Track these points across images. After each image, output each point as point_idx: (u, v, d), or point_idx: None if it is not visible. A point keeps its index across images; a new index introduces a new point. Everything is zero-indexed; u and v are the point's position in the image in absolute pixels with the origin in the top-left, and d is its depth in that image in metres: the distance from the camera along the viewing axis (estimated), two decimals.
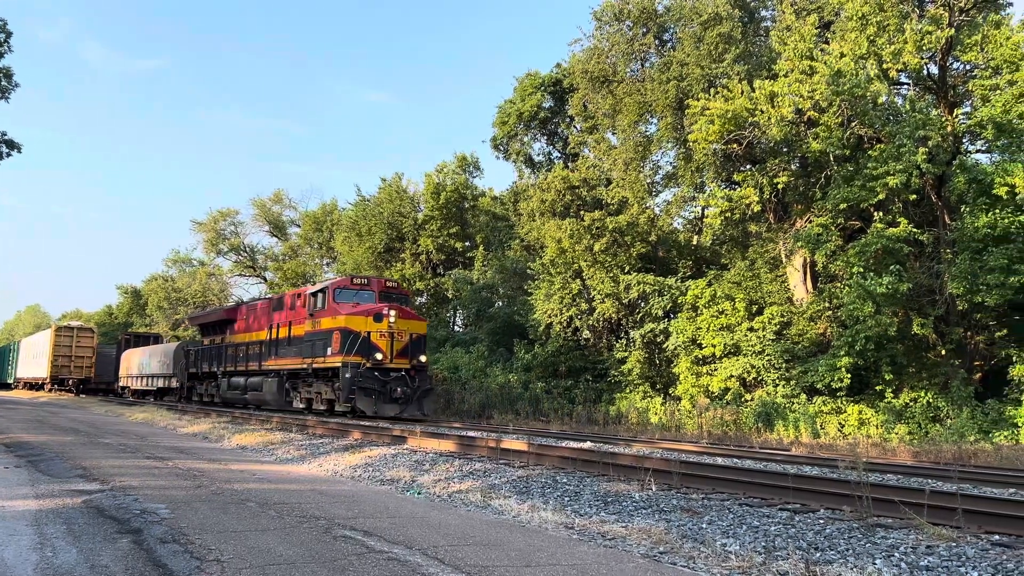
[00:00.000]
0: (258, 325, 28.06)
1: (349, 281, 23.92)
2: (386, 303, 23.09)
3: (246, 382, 28.00)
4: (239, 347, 29.17)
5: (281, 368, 25.43)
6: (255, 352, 27.69)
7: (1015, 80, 20.33)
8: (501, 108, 38.69)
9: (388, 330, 22.12)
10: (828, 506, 7.93)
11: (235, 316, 30.83)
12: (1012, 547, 6.14)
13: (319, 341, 23.06)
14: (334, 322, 22.60)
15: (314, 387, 23.72)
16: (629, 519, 7.69)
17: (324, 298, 23.48)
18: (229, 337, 30.93)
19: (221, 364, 30.76)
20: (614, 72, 29.73)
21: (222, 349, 30.96)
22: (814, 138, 21.85)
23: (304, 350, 23.95)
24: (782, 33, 24.27)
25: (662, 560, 6.00)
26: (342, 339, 21.90)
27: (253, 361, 27.70)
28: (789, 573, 5.57)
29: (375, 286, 23.97)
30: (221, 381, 30.51)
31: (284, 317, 25.90)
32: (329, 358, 22.49)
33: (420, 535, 6.59)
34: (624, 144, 29.50)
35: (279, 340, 25.80)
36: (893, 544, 6.38)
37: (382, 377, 21.55)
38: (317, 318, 23.61)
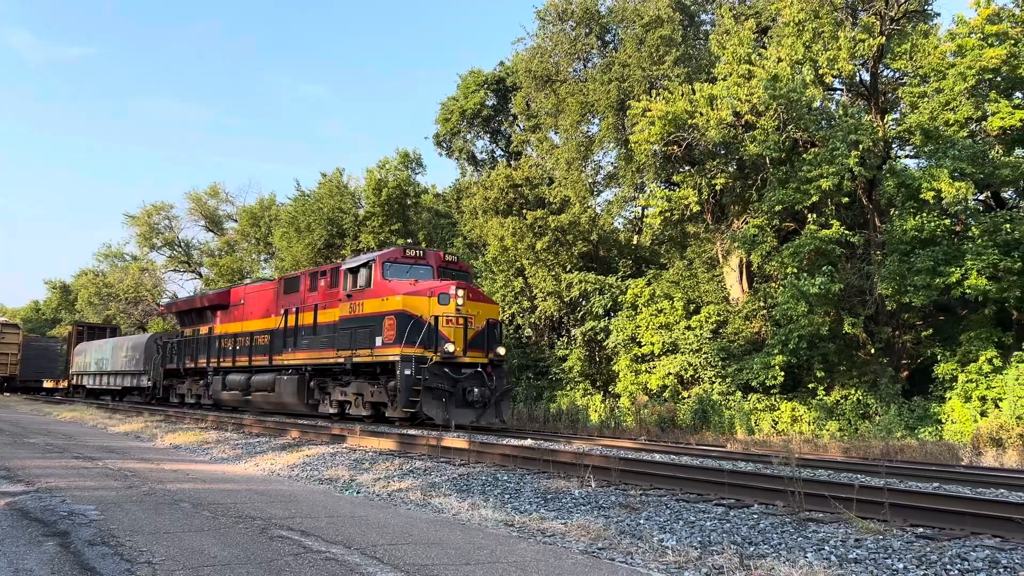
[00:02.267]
0: (263, 311, 23.59)
1: (401, 252, 19.17)
2: (448, 280, 18.70)
3: (249, 380, 23.20)
4: (237, 338, 24.53)
5: (303, 363, 20.80)
6: (262, 344, 23.00)
7: (942, 88, 21.05)
8: (444, 105, 38.57)
9: (457, 314, 17.74)
10: (762, 501, 8.11)
11: (227, 301, 26.08)
12: (935, 539, 6.37)
13: (362, 329, 18.60)
14: (385, 304, 18.09)
15: (352, 387, 19.29)
16: (569, 516, 7.75)
17: (368, 274, 18.78)
18: (220, 326, 26.08)
19: (211, 358, 26.06)
20: (557, 72, 29.88)
21: (212, 341, 26.20)
22: (751, 141, 22.29)
23: (338, 340, 19.35)
24: (721, 37, 24.70)
25: (600, 556, 6.06)
26: (399, 326, 17.42)
27: (259, 354, 23.05)
28: (724, 567, 5.67)
29: (432, 259, 19.39)
30: (212, 379, 25.60)
31: (303, 300, 21.38)
32: (379, 350, 17.91)
33: (359, 534, 6.52)
34: (566, 144, 29.67)
35: (299, 329, 21.11)
36: (824, 538, 6.55)
37: (453, 375, 17.40)
38: (357, 300, 19.01)
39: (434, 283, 18.33)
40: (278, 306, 22.46)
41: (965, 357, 20.26)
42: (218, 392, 25.07)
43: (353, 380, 19.26)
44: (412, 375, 17.03)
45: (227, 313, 25.89)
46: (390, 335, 17.64)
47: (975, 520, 6.74)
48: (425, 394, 16.99)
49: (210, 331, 26.64)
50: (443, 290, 17.82)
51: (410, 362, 17.06)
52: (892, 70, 24.55)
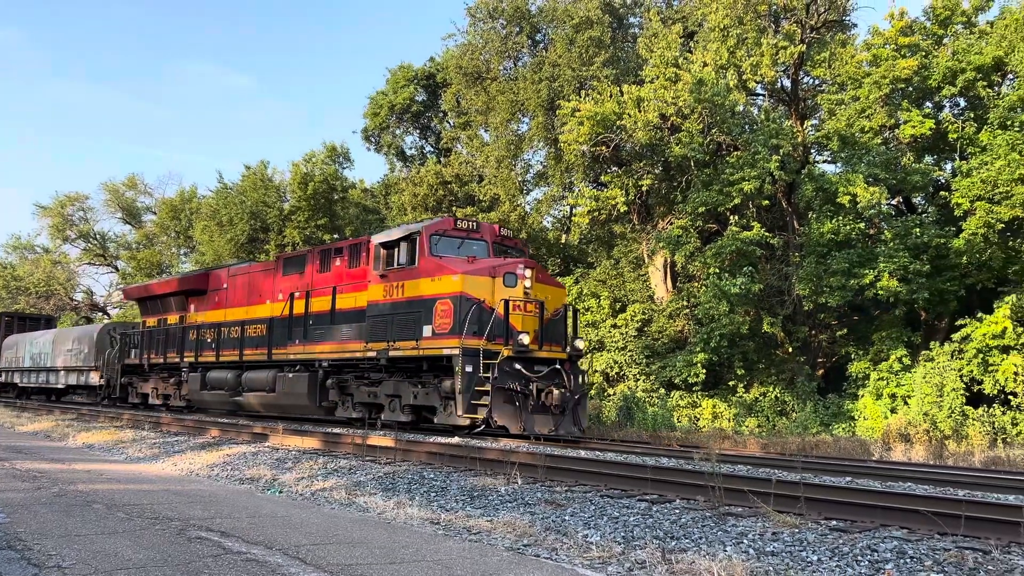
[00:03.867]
0: (255, 296, 20.26)
1: (451, 223, 16.03)
2: (508, 258, 15.93)
3: (240, 378, 19.96)
4: (222, 328, 21.15)
5: (316, 357, 17.51)
6: (256, 335, 19.77)
7: (858, 96, 21.84)
8: (373, 99, 38.19)
9: (525, 298, 14.74)
10: (684, 496, 8.27)
11: (205, 285, 22.72)
12: (847, 531, 6.60)
13: (402, 315, 15.47)
14: (437, 285, 14.93)
15: (386, 386, 16.09)
16: (495, 513, 7.76)
17: (411, 249, 15.60)
18: (197, 315, 22.72)
19: (185, 352, 22.53)
20: (487, 69, 29.89)
21: (186, 332, 22.77)
22: (677, 143, 22.72)
23: (367, 329, 16.19)
24: (649, 40, 25.11)
25: (526, 553, 6.09)
26: (457, 312, 14.36)
27: (253, 347, 19.74)
28: (646, 561, 5.77)
29: (487, 233, 16.29)
30: (190, 377, 22.07)
31: (313, 282, 18.23)
32: (428, 341, 14.83)
33: (281, 535, 6.41)
34: (497, 141, 29.71)
35: (309, 317, 17.91)
36: (743, 531, 6.73)
37: (527, 373, 14.48)
38: (395, 281, 15.76)
39: (496, 261, 15.45)
40: (276, 290, 19.34)
41: (877, 356, 21.08)
42: (196, 392, 21.73)
43: (387, 378, 16.07)
44: (476, 373, 14.00)
45: (205, 300, 22.55)
46: (444, 323, 14.54)
47: (884, 513, 7.02)
48: (496, 397, 13.92)
49: (182, 320, 23.31)
50: (509, 269, 14.86)
51: (474, 357, 14.03)
52: (812, 77, 25.37)
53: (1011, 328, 18.85)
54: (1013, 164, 18.88)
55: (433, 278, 15.05)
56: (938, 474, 10.44)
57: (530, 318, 14.70)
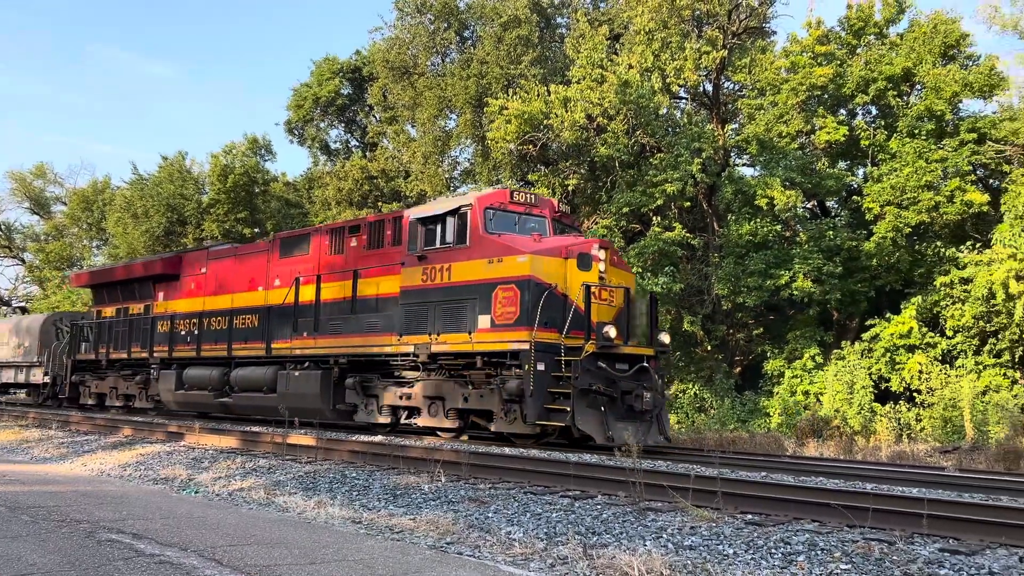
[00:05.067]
0: (244, 282, 17.92)
1: (507, 196, 13.92)
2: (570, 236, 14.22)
3: (228, 376, 17.71)
4: (203, 319, 18.71)
5: (331, 352, 15.34)
6: (246, 327, 17.47)
7: (776, 102, 22.49)
8: (297, 91, 37.50)
9: (601, 284, 12.75)
10: (606, 492, 8.39)
11: (177, 270, 20.19)
12: (762, 525, 6.80)
13: (449, 303, 13.38)
14: (496, 268, 12.76)
15: (423, 387, 13.98)
16: (418, 511, 7.72)
17: (461, 225, 13.49)
18: (167, 303, 20.21)
19: (155, 346, 20.04)
20: (415, 64, 29.68)
21: (155, 323, 20.21)
22: (602, 144, 22.98)
23: (404, 320, 13.95)
24: (576, 41, 25.32)
25: (448, 551, 6.07)
26: (525, 299, 12.28)
27: (244, 340, 17.44)
28: (568, 557, 5.82)
29: (546, 208, 14.39)
30: (161, 374, 19.59)
31: (321, 265, 16.01)
32: (486, 334, 12.69)
33: (197, 536, 6.23)
34: (424, 137, 29.52)
35: (321, 306, 15.66)
36: (662, 526, 6.85)
37: (612, 372, 12.41)
38: (439, 263, 13.63)
39: (566, 239, 13.54)
40: (272, 275, 17.21)
41: (791, 354, 21.76)
42: (170, 392, 19.20)
43: (425, 377, 14.02)
44: (548, 372, 12.06)
45: (177, 286, 20.07)
46: (507, 312, 12.49)
47: (797, 506, 7.25)
48: (579, 400, 11.87)
49: (148, 310, 20.81)
50: (583, 249, 12.82)
51: (547, 353, 12.07)
52: (733, 83, 26.01)
53: (916, 328, 19.71)
54: (920, 171, 19.75)
55: (491, 259, 12.88)
56: (848, 469, 10.84)
57: (605, 307, 12.67)
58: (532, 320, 12.10)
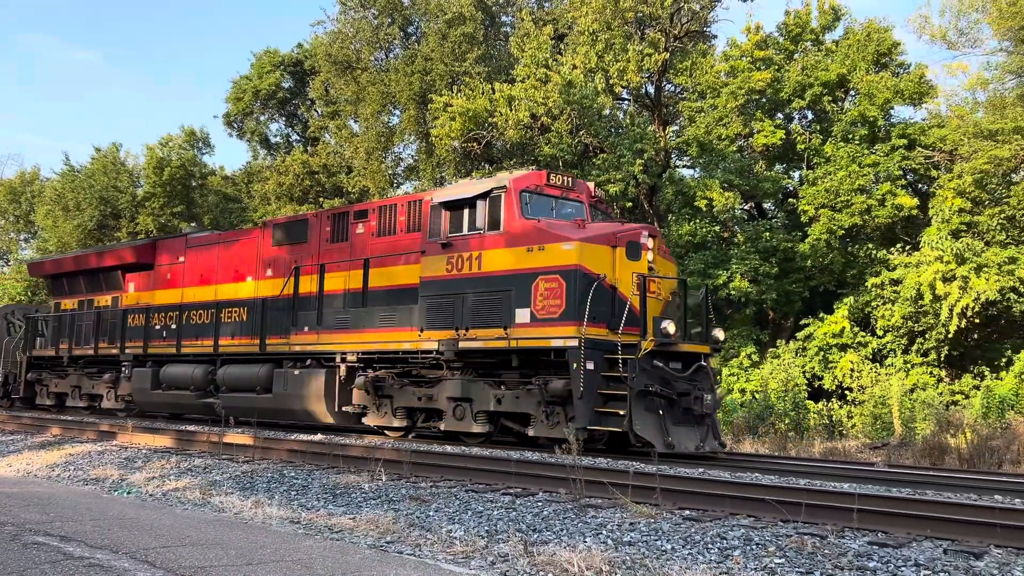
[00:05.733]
0: (231, 272, 16.70)
1: (543, 179, 12.89)
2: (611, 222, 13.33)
3: (214, 375, 16.34)
4: (183, 312, 17.25)
5: (341, 349, 14.01)
6: (233, 320, 16.18)
7: (716, 105, 22.90)
8: (236, 83, 36.81)
9: (650, 274, 11.87)
10: (547, 489, 8.43)
11: (151, 259, 18.72)
12: (699, 520, 6.92)
13: (483, 295, 12.21)
14: (539, 256, 11.72)
15: (447, 387, 12.73)
16: (358, 510, 7.65)
17: (495, 210, 12.37)
18: (140, 294, 18.80)
19: (127, 341, 18.44)
20: (358, 59, 29.38)
21: (126, 316, 18.68)
22: (546, 143, 23.09)
23: (427, 314, 12.78)
24: (521, 40, 25.39)
25: (388, 550, 6.03)
26: (572, 291, 11.25)
27: (231, 336, 16.25)
28: (509, 554, 5.83)
29: (583, 192, 13.36)
30: (135, 372, 18.02)
31: (324, 253, 14.80)
32: (526, 329, 11.64)
33: (128, 537, 6.07)
34: (367, 133, 29.27)
35: (324, 298, 14.46)
36: (602, 522, 6.92)
37: (666, 371, 11.39)
38: (469, 250, 12.50)
39: (612, 226, 12.59)
40: (263, 264, 15.99)
41: (728, 353, 22.18)
42: (145, 391, 17.65)
43: (450, 376, 12.82)
44: (597, 371, 11.01)
45: (151, 276, 18.66)
46: (551, 305, 11.43)
47: (734, 502, 7.40)
48: (637, 404, 10.84)
49: (117, 302, 19.30)
50: (633, 237, 11.86)
51: (597, 350, 11.05)
52: (674, 85, 26.38)
53: (848, 328, 20.28)
54: (853, 175, 20.33)
55: (531, 247, 11.81)
56: (782, 465, 11.09)
57: (654, 300, 11.74)
58: (580, 314, 11.03)
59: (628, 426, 10.76)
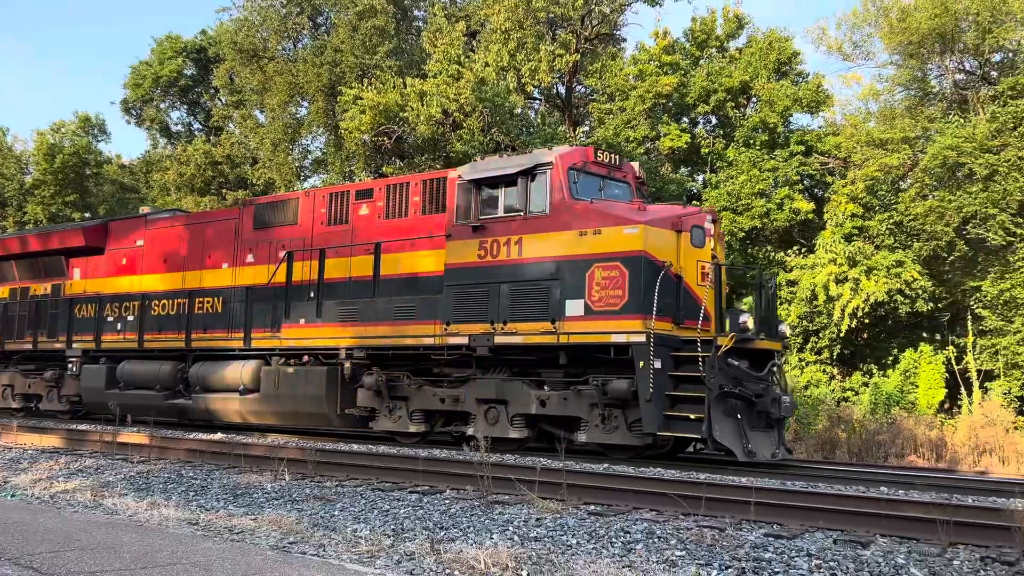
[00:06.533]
0: (202, 257, 15.23)
1: (591, 155, 11.74)
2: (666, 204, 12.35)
3: (185, 373, 14.83)
4: (146, 302, 15.59)
5: (346, 344, 12.62)
6: (210, 312, 14.69)
7: (624, 108, 23.32)
8: (135, 69, 35.38)
9: (713, 262, 11.01)
10: (454, 487, 8.43)
11: (102, 242, 17.01)
12: (604, 515, 7.04)
13: (525, 285, 11.08)
14: (594, 241, 10.60)
15: (477, 387, 11.66)
16: (260, 511, 7.47)
17: (541, 188, 11.20)
18: (88, 282, 17.07)
19: (74, 334, 16.80)
20: (265, 48, 28.66)
21: (72, 306, 16.93)
22: (458, 140, 23.04)
23: (453, 305, 11.61)
24: (433, 35, 25.24)
25: (291, 550, 5.91)
26: (636, 280, 10.23)
27: (202, 329, 14.76)
28: (415, 553, 5.80)
29: (629, 173, 12.25)
30: (84, 369, 16.24)
31: (319, 237, 13.58)
32: (579, 322, 10.57)
33: (12, 542, 5.75)
34: (273, 124, 28.61)
35: (324, 286, 13.12)
36: (509, 519, 6.96)
37: (742, 371, 10.41)
38: (507, 234, 11.33)
39: (674, 208, 11.79)
40: (242, 249, 14.57)
41: None
42: (96, 391, 15.84)
43: (480, 375, 11.67)
44: (665, 370, 10.08)
45: (102, 262, 16.94)
46: (610, 296, 10.34)
47: (637, 496, 7.56)
48: (717, 406, 9.82)
49: (59, 290, 17.52)
50: (697, 221, 10.92)
51: (665, 347, 10.14)
52: (584, 86, 26.73)
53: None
54: (753, 179, 21.05)
55: (585, 231, 10.68)
56: (684, 459, 11.38)
57: (710, 290, 10.81)
58: (647, 306, 10.03)
59: (707, 432, 9.72)
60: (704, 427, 9.68)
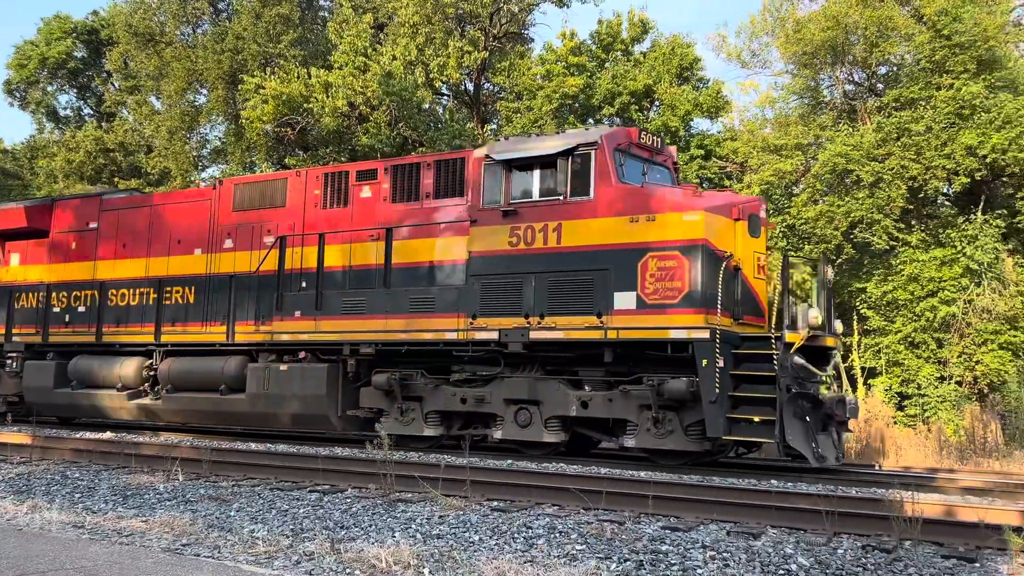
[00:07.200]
0: (167, 242, 13.89)
1: (635, 136, 10.99)
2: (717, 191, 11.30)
3: (154, 370, 13.65)
4: (102, 291, 14.29)
5: (350, 339, 11.79)
6: (180, 303, 13.47)
7: (532, 107, 23.49)
8: (20, 49, 33.49)
9: (769, 254, 10.72)
10: (356, 485, 8.33)
11: (47, 224, 15.45)
12: (507, 511, 7.08)
13: (566, 275, 10.36)
14: (646, 228, 9.94)
15: (505, 387, 10.91)
16: (151, 512, 7.20)
17: (583, 170, 10.42)
18: (27, 268, 15.60)
19: (15, 327, 15.35)
20: (162, 32, 27.61)
21: (12, 295, 15.44)
22: (364, 133, 22.74)
23: (480, 297, 10.84)
24: (339, 26, 24.83)
25: (184, 553, 5.72)
26: (698, 271, 9.66)
27: (172, 322, 13.50)
28: (315, 553, 5.70)
29: (669, 158, 11.69)
30: (28, 367, 14.91)
31: (311, 221, 12.49)
32: (630, 317, 9.89)
33: None
34: (170, 111, 27.60)
35: (325, 276, 12.14)
36: (412, 516, 6.92)
37: (808, 369, 9.68)
38: (542, 221, 10.57)
39: (727, 195, 11.13)
40: (219, 234, 13.30)
41: None
42: (43, 390, 14.50)
43: (509, 374, 10.91)
44: (727, 369, 9.44)
45: (46, 246, 15.41)
46: (667, 289, 9.69)
47: (540, 492, 7.64)
48: (789, 408, 9.21)
49: None
50: (754, 209, 10.41)
51: (727, 344, 9.52)
52: (493, 84, 26.79)
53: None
54: None
55: (636, 216, 9.98)
56: (586, 454, 11.56)
57: (764, 283, 10.42)
58: (710, 300, 9.48)
59: (779, 436, 9.11)
60: (776, 431, 9.12)
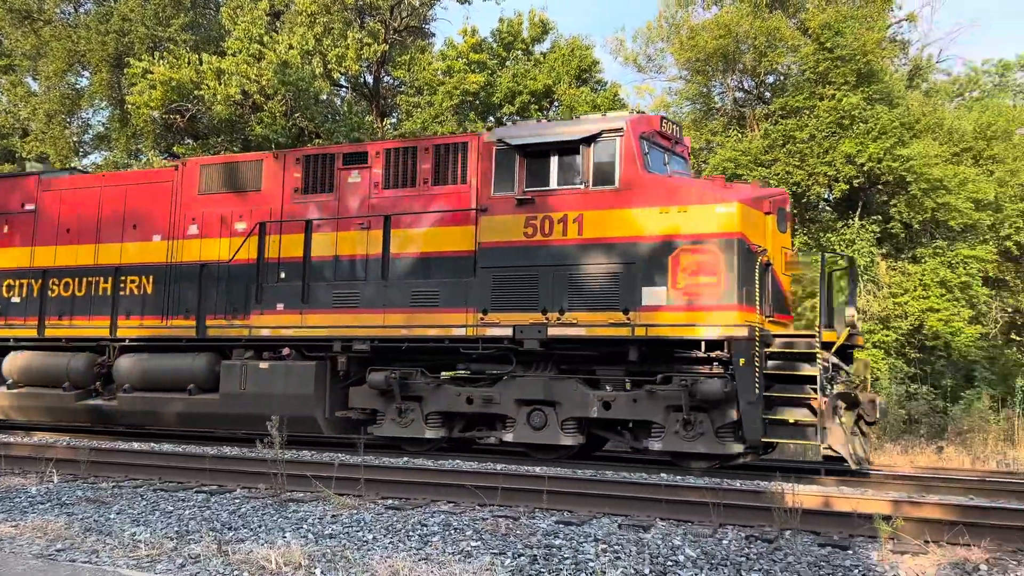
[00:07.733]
0: (120, 227, 12.69)
1: (658, 124, 10.45)
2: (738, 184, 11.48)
3: (108, 368, 12.51)
4: (44, 281, 13.07)
5: (341, 334, 11.01)
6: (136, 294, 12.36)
7: (432, 102, 23.39)
8: None
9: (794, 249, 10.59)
10: (245, 485, 8.11)
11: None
12: (402, 509, 7.03)
13: (590, 268, 9.83)
14: (676, 221, 9.48)
15: (517, 386, 10.24)
16: (22, 516, 6.80)
17: (608, 158, 9.90)
18: None
19: None
20: (40, 9, 26.11)
21: None
22: (258, 123, 22.13)
23: (492, 290, 10.22)
24: (233, 12, 24.07)
25: (58, 558, 5.44)
26: (734, 265, 9.19)
27: (128, 314, 12.37)
28: (201, 555, 5.52)
29: (687, 149, 11.29)
30: None
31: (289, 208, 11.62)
32: (659, 313, 9.42)
33: None
34: (48, 93, 26.14)
35: (313, 266, 11.35)
36: (303, 516, 6.78)
37: (847, 369, 9.65)
38: (561, 211, 10.00)
39: (753, 188, 10.75)
40: (184, 218, 12.21)
41: None
42: None
43: (521, 373, 10.29)
44: (762, 370, 9.00)
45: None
46: (701, 284, 9.28)
47: (435, 489, 7.62)
48: (832, 405, 8.99)
49: None
50: (782, 203, 10.18)
51: (754, 342, 9.07)
52: (393, 78, 26.53)
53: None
54: None
55: (667, 207, 9.52)
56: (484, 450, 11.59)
57: (788, 279, 10.17)
58: (748, 296, 9.12)
59: (820, 437, 8.90)
60: (816, 432, 8.92)
